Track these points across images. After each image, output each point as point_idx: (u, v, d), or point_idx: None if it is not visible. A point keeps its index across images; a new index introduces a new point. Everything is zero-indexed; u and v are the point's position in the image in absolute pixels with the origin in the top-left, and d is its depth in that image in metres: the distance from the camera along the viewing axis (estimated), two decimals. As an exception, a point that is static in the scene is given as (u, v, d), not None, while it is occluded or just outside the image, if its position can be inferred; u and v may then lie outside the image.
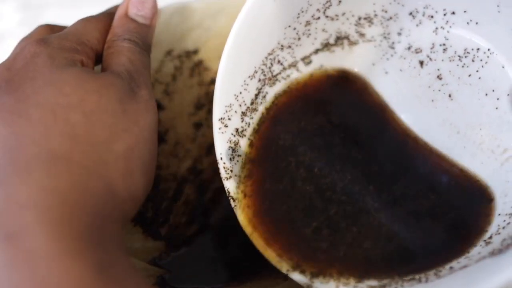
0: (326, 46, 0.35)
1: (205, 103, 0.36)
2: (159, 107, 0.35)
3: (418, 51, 0.34)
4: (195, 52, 0.36)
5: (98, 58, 0.30)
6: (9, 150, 0.24)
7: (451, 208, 0.31)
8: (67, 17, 0.34)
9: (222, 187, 0.31)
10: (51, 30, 0.31)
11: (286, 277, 0.29)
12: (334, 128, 0.34)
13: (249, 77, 0.32)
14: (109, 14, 0.32)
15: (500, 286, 0.24)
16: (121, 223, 0.26)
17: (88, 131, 0.25)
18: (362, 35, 0.35)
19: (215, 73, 0.31)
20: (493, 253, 0.26)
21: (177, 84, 0.36)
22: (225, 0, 0.36)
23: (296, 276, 0.28)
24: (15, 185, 0.23)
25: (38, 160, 0.23)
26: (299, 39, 0.33)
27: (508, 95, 0.31)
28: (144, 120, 0.27)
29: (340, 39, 0.35)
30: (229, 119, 0.31)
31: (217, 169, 0.31)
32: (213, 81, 0.36)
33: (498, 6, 0.30)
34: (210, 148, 0.35)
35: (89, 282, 0.21)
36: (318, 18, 0.33)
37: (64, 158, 0.24)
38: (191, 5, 0.36)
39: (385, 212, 0.31)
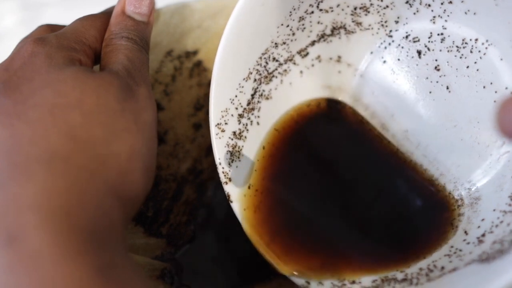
0: (322, 37, 0.34)
1: (204, 104, 0.36)
2: (159, 107, 0.35)
3: (415, 40, 0.33)
4: (195, 52, 0.36)
5: (97, 57, 0.30)
6: (9, 152, 0.23)
7: (409, 217, 0.33)
8: (67, 17, 0.33)
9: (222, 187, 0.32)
10: (51, 30, 0.30)
11: (286, 277, 0.30)
12: (320, 147, 0.34)
13: (244, 79, 0.32)
14: (108, 13, 0.31)
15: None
16: (123, 223, 0.25)
17: (87, 131, 0.25)
18: (358, 24, 0.34)
19: (215, 73, 0.31)
20: (482, 258, 0.27)
21: (176, 84, 0.36)
22: (225, 0, 0.35)
23: (292, 276, 0.30)
24: (16, 188, 0.22)
25: (38, 162, 0.23)
26: (293, 34, 0.33)
27: (506, 88, 0.30)
28: (143, 119, 0.27)
29: (336, 29, 0.34)
30: (225, 123, 0.32)
31: (217, 169, 0.31)
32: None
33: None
34: (209, 148, 0.36)
35: (91, 285, 0.21)
36: (312, 12, 0.32)
37: (64, 159, 0.24)
38: (191, 5, 0.35)
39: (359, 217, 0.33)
